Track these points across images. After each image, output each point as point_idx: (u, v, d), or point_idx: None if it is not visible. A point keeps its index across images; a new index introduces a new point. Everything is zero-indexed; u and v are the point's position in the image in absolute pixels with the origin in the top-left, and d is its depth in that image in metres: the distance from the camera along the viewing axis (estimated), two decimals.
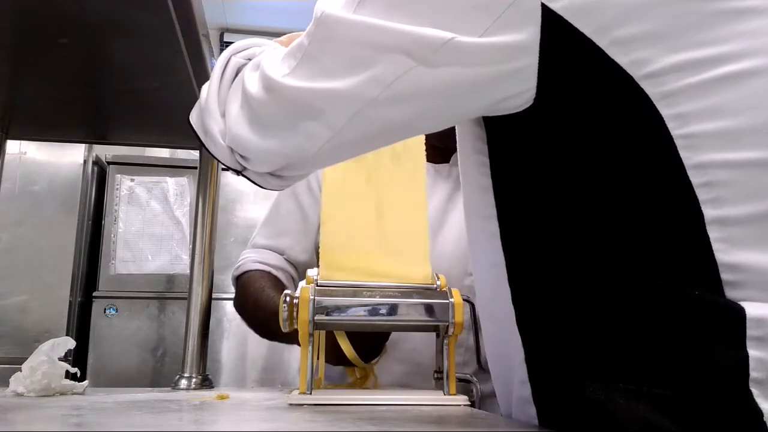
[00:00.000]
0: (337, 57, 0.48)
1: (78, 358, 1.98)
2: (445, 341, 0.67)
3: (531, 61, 0.44)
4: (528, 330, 0.52)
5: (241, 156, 0.57)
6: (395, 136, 0.55)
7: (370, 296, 0.65)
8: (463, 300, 0.66)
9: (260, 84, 0.53)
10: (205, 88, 0.60)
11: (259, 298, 0.96)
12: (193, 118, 0.61)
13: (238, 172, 0.60)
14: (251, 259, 1.03)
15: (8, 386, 0.73)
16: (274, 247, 1.04)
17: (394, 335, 0.82)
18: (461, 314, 0.65)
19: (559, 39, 0.43)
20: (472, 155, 0.56)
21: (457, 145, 0.61)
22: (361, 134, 0.51)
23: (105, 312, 2.06)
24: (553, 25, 0.43)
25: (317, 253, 1.05)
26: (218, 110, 0.57)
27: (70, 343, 0.75)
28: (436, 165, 0.99)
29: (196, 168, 0.98)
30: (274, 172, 0.58)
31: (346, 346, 0.73)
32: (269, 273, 1.01)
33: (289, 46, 0.53)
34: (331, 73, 0.48)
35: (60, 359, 0.74)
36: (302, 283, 0.68)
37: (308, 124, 0.51)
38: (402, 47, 0.45)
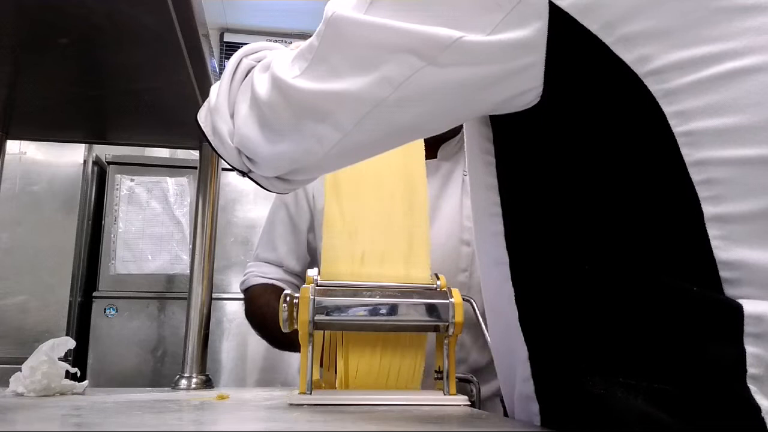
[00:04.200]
0: (347, 58, 0.48)
1: (78, 358, 1.98)
2: (445, 341, 0.67)
3: (538, 59, 0.44)
4: (531, 328, 0.52)
5: (248, 158, 0.57)
6: (403, 138, 0.55)
7: (370, 296, 0.65)
8: (463, 299, 0.67)
9: (270, 86, 0.53)
10: (214, 88, 0.60)
11: (266, 311, 1.01)
12: (201, 117, 0.61)
13: (244, 174, 0.60)
14: (254, 273, 1.08)
15: (8, 386, 0.73)
16: (272, 260, 1.08)
17: None
18: (461, 314, 0.65)
19: (566, 36, 0.43)
20: (479, 155, 0.56)
21: (465, 144, 0.61)
22: (369, 137, 0.51)
23: (105, 312, 2.06)
24: (559, 22, 0.43)
25: (311, 257, 1.07)
26: (228, 110, 0.58)
27: (70, 343, 0.75)
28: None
29: (196, 168, 0.99)
30: (281, 175, 0.58)
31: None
32: (273, 285, 1.05)
33: (299, 47, 0.53)
34: (341, 74, 0.48)
35: (60, 359, 0.74)
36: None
37: (317, 126, 0.51)
38: (411, 47, 0.45)
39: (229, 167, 0.61)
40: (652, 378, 0.41)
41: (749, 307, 0.40)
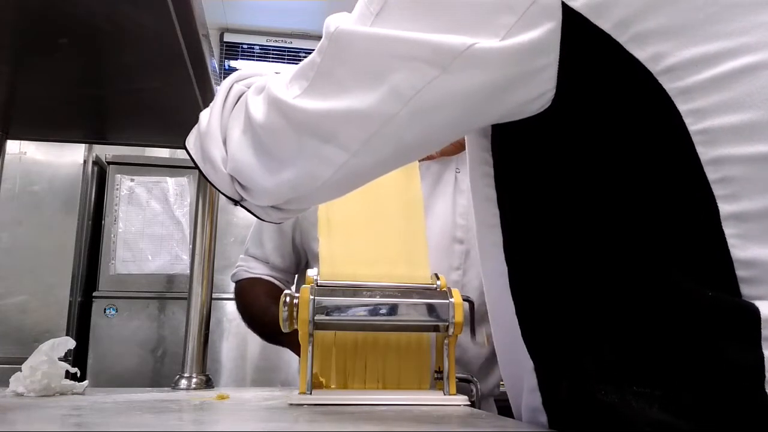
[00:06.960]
0: (354, 72, 0.46)
1: (78, 358, 1.98)
2: (445, 341, 0.67)
3: (551, 61, 0.43)
4: (534, 341, 0.51)
5: (241, 185, 0.55)
6: (411, 156, 0.53)
7: (370, 296, 0.65)
8: (463, 300, 0.67)
9: (266, 108, 0.50)
10: (204, 113, 0.57)
11: (255, 305, 1.08)
12: (190, 143, 0.58)
13: (236, 202, 0.58)
14: (243, 268, 1.14)
15: (8, 386, 0.73)
16: (259, 256, 1.14)
17: None
18: (461, 314, 0.65)
19: (579, 36, 0.42)
20: (478, 166, 0.55)
21: (467, 155, 0.60)
22: (377, 156, 0.49)
23: (105, 312, 2.06)
24: (572, 23, 0.42)
25: (297, 255, 1.11)
26: (220, 136, 0.55)
27: (70, 343, 0.75)
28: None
29: (196, 168, 0.98)
30: (277, 204, 0.56)
31: None
32: (260, 279, 1.11)
33: (298, 66, 0.50)
34: (348, 90, 0.46)
35: (60, 359, 0.74)
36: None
37: (322, 148, 0.48)
38: (421, 57, 0.43)
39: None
40: (667, 385, 0.40)
41: (766, 309, 0.39)
